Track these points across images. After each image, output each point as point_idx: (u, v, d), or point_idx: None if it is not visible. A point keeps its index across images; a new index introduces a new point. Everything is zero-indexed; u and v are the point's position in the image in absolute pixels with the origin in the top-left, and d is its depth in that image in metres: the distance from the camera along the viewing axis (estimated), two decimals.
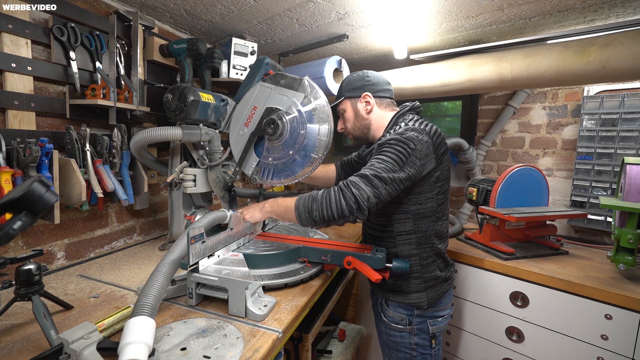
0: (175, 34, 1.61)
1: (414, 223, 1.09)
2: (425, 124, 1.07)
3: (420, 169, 0.99)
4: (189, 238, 0.87)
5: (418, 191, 1.05)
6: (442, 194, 1.09)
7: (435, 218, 1.10)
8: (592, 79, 1.40)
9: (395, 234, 1.11)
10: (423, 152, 0.99)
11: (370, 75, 1.21)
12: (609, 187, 1.71)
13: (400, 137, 0.99)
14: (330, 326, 1.73)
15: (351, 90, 1.21)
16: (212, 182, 1.30)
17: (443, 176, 1.08)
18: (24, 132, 1.04)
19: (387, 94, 1.22)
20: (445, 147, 1.08)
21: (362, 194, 0.93)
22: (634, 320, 1.17)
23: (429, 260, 1.11)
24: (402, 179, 0.97)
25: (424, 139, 1.00)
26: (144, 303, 0.71)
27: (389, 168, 0.96)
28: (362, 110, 1.20)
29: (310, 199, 1.00)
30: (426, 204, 1.07)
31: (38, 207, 0.62)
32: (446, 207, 1.13)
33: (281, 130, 1.17)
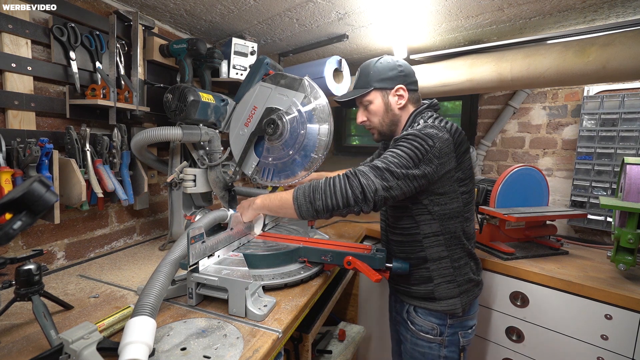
0: (175, 34, 1.61)
1: (440, 224, 1.02)
2: (445, 122, 1.01)
3: (438, 168, 0.94)
4: (189, 238, 0.87)
5: (440, 192, 0.99)
6: (467, 193, 1.03)
7: (464, 218, 1.04)
8: (592, 79, 1.40)
9: (422, 237, 1.04)
10: (442, 151, 0.93)
11: (403, 65, 1.10)
12: (609, 187, 1.71)
13: (419, 132, 0.94)
14: (330, 326, 1.73)
15: (382, 81, 1.09)
16: (212, 182, 1.30)
17: (465, 176, 1.02)
18: (24, 132, 1.04)
19: (416, 86, 1.13)
20: (466, 145, 1.02)
21: (370, 184, 0.89)
22: (634, 320, 1.17)
23: (462, 262, 1.04)
24: (416, 176, 0.91)
25: (444, 136, 0.94)
26: (144, 303, 0.71)
27: (403, 163, 0.91)
28: (394, 104, 1.10)
29: (311, 188, 0.95)
30: (450, 204, 1.01)
31: (38, 207, 0.62)
32: (473, 206, 1.08)
33: (281, 130, 1.17)
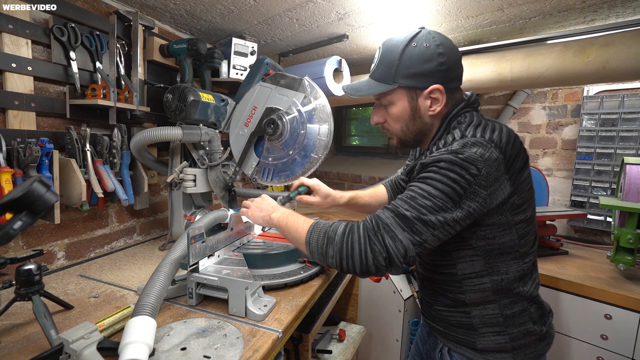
0: (175, 34, 1.61)
1: (486, 262, 0.75)
2: (492, 129, 0.72)
3: (487, 201, 0.68)
4: (189, 238, 0.87)
5: (487, 223, 0.72)
6: (524, 222, 0.74)
7: (519, 255, 0.75)
8: (592, 79, 1.40)
9: (461, 277, 0.77)
10: (491, 176, 0.66)
11: (446, 52, 0.75)
12: (609, 187, 1.71)
13: (456, 158, 0.66)
14: (330, 326, 1.73)
15: (412, 77, 0.76)
16: (212, 182, 1.31)
17: (523, 200, 0.73)
18: (24, 132, 1.04)
19: (460, 80, 0.81)
20: (524, 157, 0.73)
21: (398, 245, 0.67)
22: (633, 320, 1.17)
23: (515, 309, 0.76)
24: (457, 220, 0.67)
25: (492, 156, 0.66)
26: (145, 303, 0.71)
27: (439, 206, 0.66)
28: (424, 110, 0.79)
29: (327, 240, 0.74)
30: (501, 237, 0.73)
31: (38, 207, 0.62)
32: (532, 236, 0.77)
33: (281, 130, 1.17)
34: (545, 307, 0.81)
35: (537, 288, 0.79)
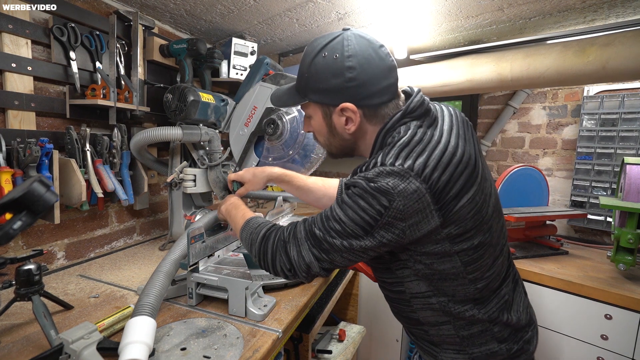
0: (175, 34, 1.61)
1: (429, 284, 0.69)
2: (420, 152, 0.61)
3: (408, 232, 0.61)
4: (189, 238, 0.87)
5: (420, 251, 0.65)
6: (470, 249, 0.65)
7: (468, 281, 0.67)
8: (592, 79, 1.40)
9: (409, 296, 0.72)
10: (409, 209, 0.58)
11: (356, 66, 0.66)
12: (609, 187, 1.71)
13: (367, 186, 0.60)
14: (330, 326, 1.73)
15: (320, 92, 0.71)
16: (212, 182, 1.31)
17: (465, 227, 0.63)
18: (24, 132, 1.04)
19: (386, 95, 0.70)
20: (465, 182, 0.62)
21: (300, 261, 0.67)
22: (633, 320, 1.17)
23: (473, 330, 0.69)
24: (367, 248, 0.62)
25: (409, 187, 0.58)
26: (144, 303, 0.71)
27: (347, 232, 0.62)
28: (339, 127, 0.73)
29: (251, 240, 0.76)
30: (440, 265, 0.66)
31: (38, 207, 0.62)
32: (487, 261, 0.68)
33: (281, 130, 1.17)
34: (518, 323, 0.72)
35: (503, 310, 0.70)
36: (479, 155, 0.70)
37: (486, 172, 0.71)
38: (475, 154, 0.67)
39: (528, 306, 0.78)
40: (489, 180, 0.71)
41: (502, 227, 0.74)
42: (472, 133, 0.73)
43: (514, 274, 0.80)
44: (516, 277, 0.80)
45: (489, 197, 0.68)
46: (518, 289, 0.78)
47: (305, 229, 0.68)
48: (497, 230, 0.70)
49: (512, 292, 0.74)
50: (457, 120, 0.72)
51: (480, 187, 0.64)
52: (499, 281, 0.71)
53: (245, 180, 1.04)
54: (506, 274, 0.74)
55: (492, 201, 0.69)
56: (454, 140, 0.65)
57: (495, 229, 0.69)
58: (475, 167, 0.65)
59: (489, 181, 0.71)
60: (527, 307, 0.77)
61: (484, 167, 0.70)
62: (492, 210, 0.68)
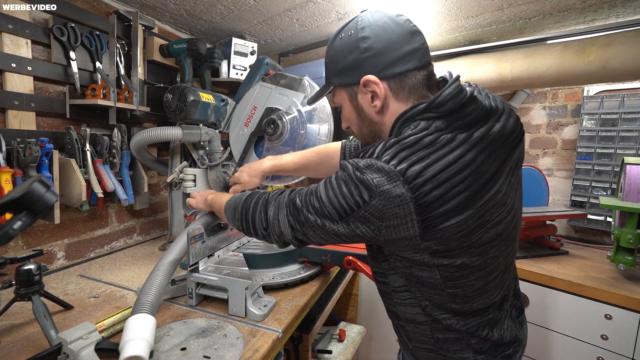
0: (175, 34, 1.61)
1: (408, 283, 0.66)
2: (422, 157, 0.55)
3: (384, 232, 0.57)
4: (189, 238, 0.87)
5: (398, 254, 0.63)
6: (453, 267, 0.59)
7: (446, 294, 0.62)
8: (592, 79, 1.40)
9: (391, 289, 0.70)
10: (388, 212, 0.55)
11: (370, 35, 0.62)
12: (609, 187, 1.71)
13: (354, 174, 0.57)
14: (330, 326, 1.72)
15: (341, 73, 0.67)
16: (212, 182, 1.31)
17: (449, 247, 0.58)
18: (24, 132, 1.04)
19: (411, 61, 0.62)
20: (462, 202, 0.55)
21: (275, 223, 0.68)
22: (634, 320, 1.17)
23: (449, 336, 0.66)
24: (340, 233, 0.60)
25: (393, 191, 0.54)
26: (144, 301, 0.71)
27: (323, 212, 0.60)
28: (367, 107, 0.66)
29: (235, 203, 0.79)
30: (419, 272, 0.62)
31: (38, 207, 0.62)
32: (468, 283, 0.62)
33: (281, 130, 1.17)
34: (500, 340, 0.67)
35: (484, 327, 0.66)
36: (502, 179, 0.60)
37: (507, 198, 0.62)
38: (493, 178, 0.59)
39: (517, 328, 0.72)
40: (506, 206, 0.62)
41: (509, 256, 0.66)
42: (510, 149, 0.63)
43: (515, 308, 0.74)
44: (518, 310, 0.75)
45: (492, 223, 0.59)
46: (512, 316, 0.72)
47: (289, 196, 0.68)
48: (498, 258, 0.63)
49: (504, 317, 0.69)
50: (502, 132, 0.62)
51: (479, 212, 0.57)
52: (488, 305, 0.66)
53: (242, 182, 1.06)
54: (501, 304, 0.69)
55: (496, 229, 0.60)
56: (470, 155, 0.56)
57: (494, 255, 0.62)
58: (480, 191, 0.57)
59: (506, 207, 0.62)
60: (515, 328, 0.71)
61: (501, 192, 0.60)
62: (491, 238, 0.60)
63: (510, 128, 0.64)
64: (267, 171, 1.05)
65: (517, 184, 0.67)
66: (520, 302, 0.78)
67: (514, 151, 0.64)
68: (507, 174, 0.63)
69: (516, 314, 0.74)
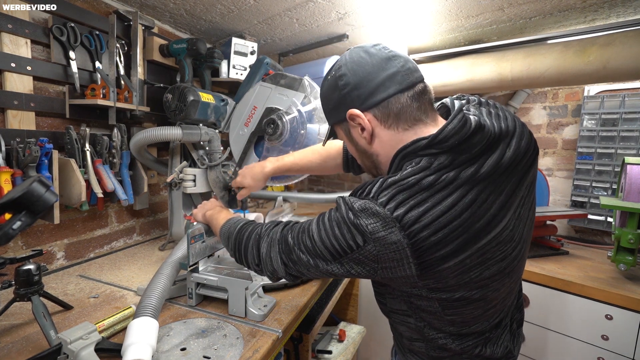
0: (175, 34, 1.61)
1: (407, 307, 0.66)
2: (420, 201, 0.53)
3: (380, 272, 0.56)
4: (189, 238, 0.87)
5: (395, 287, 0.64)
6: (453, 300, 0.59)
7: (446, 320, 0.62)
8: (592, 79, 1.40)
9: (389, 310, 0.71)
10: (381, 257, 0.54)
11: (345, 72, 0.63)
12: (610, 187, 1.71)
13: (347, 217, 0.56)
14: (330, 326, 1.72)
15: (331, 112, 0.69)
16: (212, 182, 1.30)
17: (448, 285, 0.57)
18: (24, 132, 1.03)
19: (391, 86, 0.60)
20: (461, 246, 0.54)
21: (267, 260, 0.67)
22: (634, 321, 1.17)
23: (444, 355, 0.67)
24: (334, 272, 0.59)
25: (389, 238, 0.52)
26: (147, 304, 0.71)
27: (316, 252, 0.59)
28: (360, 140, 0.67)
29: (228, 231, 0.78)
30: (418, 301, 0.62)
31: (38, 207, 0.62)
32: (467, 312, 0.62)
33: (281, 130, 1.17)
34: (492, 356, 0.66)
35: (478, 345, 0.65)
36: (510, 214, 0.58)
37: (514, 234, 0.60)
38: (500, 213, 0.56)
39: (512, 342, 0.71)
40: (512, 242, 0.60)
41: (512, 284, 0.65)
42: (521, 177, 0.60)
43: (516, 321, 0.74)
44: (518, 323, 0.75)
45: (494, 260, 0.58)
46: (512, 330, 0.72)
47: (281, 233, 0.66)
48: (500, 289, 0.62)
49: (501, 334, 0.69)
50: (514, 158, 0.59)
51: (479, 252, 0.55)
52: (487, 327, 0.65)
53: (245, 185, 1.07)
54: (500, 323, 0.68)
55: (499, 265, 0.59)
56: (472, 194, 0.54)
57: (495, 288, 0.61)
58: (482, 231, 0.55)
59: (512, 243, 0.60)
60: (510, 342, 0.70)
61: (508, 229, 0.58)
62: (493, 274, 0.59)
63: (523, 150, 0.61)
64: (270, 173, 1.05)
65: (529, 210, 0.64)
66: (521, 315, 0.77)
67: (526, 175, 0.61)
68: (517, 206, 0.60)
69: (516, 326, 0.74)
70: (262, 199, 2.31)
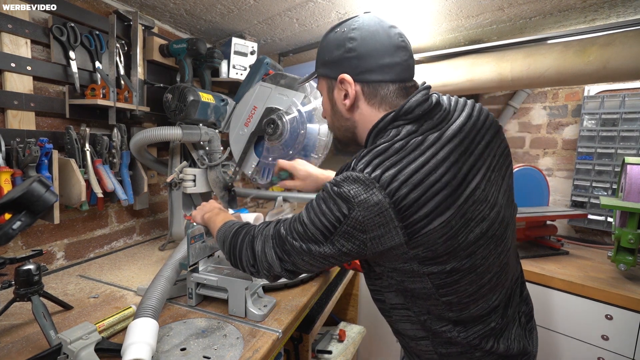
0: (175, 34, 1.61)
1: (405, 298, 0.66)
2: (394, 162, 0.56)
3: (369, 244, 0.57)
4: (189, 238, 0.87)
5: (389, 267, 0.62)
6: (443, 273, 0.59)
7: (441, 303, 0.62)
8: (592, 79, 1.40)
9: (389, 307, 0.70)
10: (370, 222, 0.55)
11: (357, 37, 0.64)
12: (610, 187, 1.71)
13: (331, 190, 0.58)
14: (330, 326, 1.72)
15: (325, 64, 0.70)
16: (212, 182, 1.30)
17: (437, 252, 0.57)
18: (24, 132, 1.03)
19: (388, 73, 0.64)
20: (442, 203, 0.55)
21: (263, 258, 0.67)
22: (634, 321, 1.17)
23: (452, 350, 0.65)
24: (327, 255, 0.60)
25: (371, 199, 0.54)
26: (147, 305, 0.71)
27: (308, 236, 0.60)
28: (339, 103, 0.70)
29: (224, 236, 0.77)
30: (411, 284, 0.62)
31: (37, 207, 0.62)
32: (461, 289, 0.61)
33: (281, 130, 1.17)
34: (507, 352, 0.64)
35: (488, 337, 0.64)
36: (479, 175, 0.61)
37: (487, 195, 0.62)
38: (470, 173, 0.60)
39: (526, 338, 0.70)
40: (487, 202, 0.61)
41: (501, 256, 0.65)
42: (485, 144, 0.64)
43: (525, 314, 0.73)
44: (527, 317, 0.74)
45: (475, 222, 0.59)
46: (521, 323, 0.71)
47: (274, 228, 0.68)
48: (488, 258, 0.62)
49: (510, 326, 0.68)
50: (473, 126, 0.64)
51: (460, 211, 0.57)
52: (487, 310, 0.64)
53: (298, 176, 0.99)
54: (504, 310, 0.67)
55: (481, 227, 0.60)
56: (442, 154, 0.58)
57: (483, 256, 0.61)
58: (458, 188, 0.57)
59: (488, 204, 0.62)
60: (523, 337, 0.69)
61: (480, 189, 0.60)
62: (477, 237, 0.60)
63: (482, 118, 0.67)
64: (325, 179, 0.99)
65: (502, 180, 0.67)
66: (529, 308, 0.77)
67: (489, 146, 0.65)
68: (487, 170, 0.63)
69: (525, 320, 0.73)
70: (262, 199, 2.31)
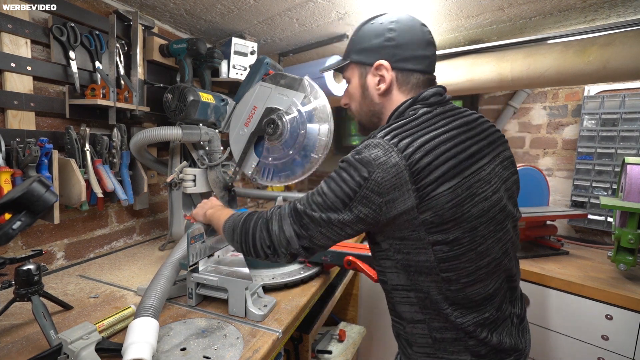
0: (175, 34, 1.61)
1: (407, 277, 0.68)
2: (411, 133, 0.63)
3: (384, 209, 0.61)
4: (188, 238, 0.87)
5: (398, 236, 0.65)
6: (445, 244, 0.63)
7: (441, 279, 0.65)
8: (592, 79, 1.40)
9: (391, 287, 0.72)
10: (385, 184, 0.60)
11: (397, 29, 0.72)
12: (610, 187, 1.71)
13: (353, 158, 0.63)
14: (330, 326, 1.72)
15: (361, 52, 0.76)
16: (212, 182, 1.30)
17: (443, 218, 0.61)
18: (24, 132, 1.03)
19: (421, 64, 0.73)
20: (449, 170, 0.61)
21: (281, 235, 0.69)
22: (634, 321, 1.17)
23: (447, 336, 0.67)
24: (345, 222, 0.64)
25: (389, 160, 0.60)
26: (147, 305, 0.71)
27: (328, 205, 0.64)
28: (372, 88, 0.76)
29: (233, 225, 0.79)
30: (416, 255, 0.65)
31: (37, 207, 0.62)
32: (468, 266, 0.65)
33: (281, 130, 1.16)
34: (500, 345, 0.67)
35: (482, 327, 0.66)
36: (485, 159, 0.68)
37: (491, 178, 0.68)
38: (476, 154, 0.66)
39: (519, 337, 0.73)
40: (491, 185, 0.67)
41: (500, 242, 0.69)
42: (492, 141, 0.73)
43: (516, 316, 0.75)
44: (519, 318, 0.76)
45: (479, 197, 0.64)
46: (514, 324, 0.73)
47: (289, 206, 0.71)
48: (488, 238, 0.66)
49: (500, 320, 0.70)
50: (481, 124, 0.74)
51: (467, 183, 0.63)
52: (483, 296, 0.67)
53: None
54: (500, 305, 0.70)
55: (483, 205, 0.65)
56: (452, 132, 0.66)
57: (483, 234, 0.65)
58: (466, 161, 0.64)
59: (491, 186, 0.67)
60: (516, 336, 0.72)
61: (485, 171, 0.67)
62: (480, 213, 0.65)
63: (489, 124, 0.76)
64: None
65: (504, 182, 0.73)
66: (522, 309, 0.79)
67: (495, 144, 0.73)
68: (492, 159, 0.70)
69: (517, 321, 0.75)
70: (262, 199, 2.31)
